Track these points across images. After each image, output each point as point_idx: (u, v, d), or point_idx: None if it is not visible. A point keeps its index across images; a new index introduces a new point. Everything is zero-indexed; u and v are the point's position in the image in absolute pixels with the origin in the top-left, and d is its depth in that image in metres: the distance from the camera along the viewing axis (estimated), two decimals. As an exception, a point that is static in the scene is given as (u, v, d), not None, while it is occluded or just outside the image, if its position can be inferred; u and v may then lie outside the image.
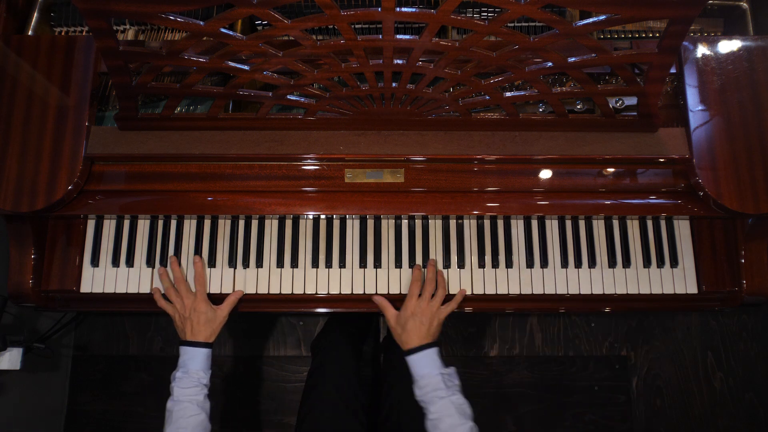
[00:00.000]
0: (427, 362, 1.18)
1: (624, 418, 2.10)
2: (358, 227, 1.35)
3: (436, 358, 1.19)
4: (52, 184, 1.19)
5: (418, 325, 1.21)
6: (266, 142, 1.23)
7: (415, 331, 1.21)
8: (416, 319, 1.22)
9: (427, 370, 1.17)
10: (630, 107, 1.29)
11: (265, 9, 0.97)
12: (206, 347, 1.23)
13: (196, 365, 1.20)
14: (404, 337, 1.22)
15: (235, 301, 1.30)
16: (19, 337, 1.56)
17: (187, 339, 1.23)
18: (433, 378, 1.16)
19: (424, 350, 1.19)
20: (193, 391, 1.18)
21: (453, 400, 1.13)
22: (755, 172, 1.19)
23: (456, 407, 1.12)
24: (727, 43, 1.24)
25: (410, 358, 1.20)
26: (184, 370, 1.20)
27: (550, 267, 1.33)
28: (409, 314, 1.23)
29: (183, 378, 1.19)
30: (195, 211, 1.29)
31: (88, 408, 2.09)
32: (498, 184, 1.26)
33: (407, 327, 1.22)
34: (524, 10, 0.96)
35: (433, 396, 1.14)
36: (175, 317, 1.27)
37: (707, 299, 1.34)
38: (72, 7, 1.35)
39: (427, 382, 1.16)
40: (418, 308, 1.23)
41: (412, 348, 1.20)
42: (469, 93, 1.17)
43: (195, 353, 1.21)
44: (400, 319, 1.24)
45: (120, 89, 1.15)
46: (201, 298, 1.27)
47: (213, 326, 1.25)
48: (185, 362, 1.21)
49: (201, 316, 1.24)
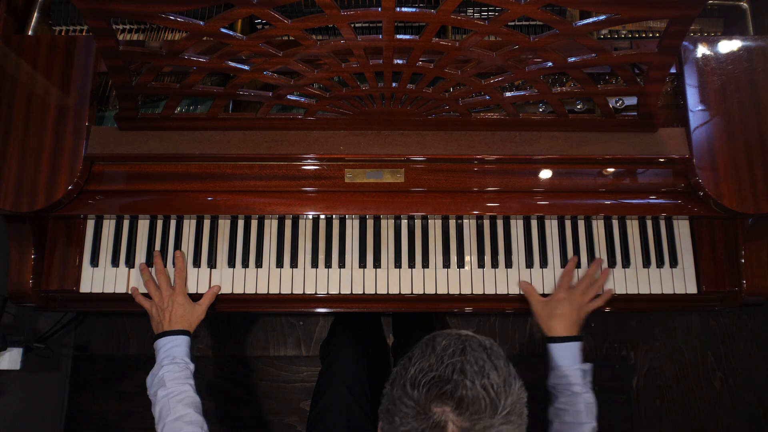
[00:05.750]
0: (570, 354, 1.19)
1: (624, 418, 2.09)
2: (358, 227, 1.35)
3: (579, 353, 1.20)
4: (52, 184, 1.19)
5: (568, 311, 1.22)
6: (266, 142, 1.23)
7: (565, 317, 1.22)
8: (566, 305, 1.23)
9: (568, 362, 1.18)
10: (630, 107, 1.29)
11: (265, 9, 0.97)
12: (186, 334, 1.20)
13: (180, 352, 1.17)
14: (552, 322, 1.23)
15: (213, 297, 1.28)
16: (19, 337, 1.56)
17: (164, 329, 1.20)
18: (573, 371, 1.17)
19: (571, 342, 1.20)
20: (185, 374, 1.14)
21: (585, 397, 1.15)
22: (755, 172, 1.19)
23: (585, 405, 1.14)
24: (727, 43, 1.24)
25: (554, 345, 1.21)
26: (170, 359, 1.15)
27: (550, 267, 1.33)
28: (561, 298, 1.24)
29: (171, 365, 1.14)
30: (195, 211, 1.29)
31: (88, 408, 2.09)
32: (498, 184, 1.26)
33: (557, 311, 1.23)
34: (524, 10, 0.96)
35: (567, 388, 1.16)
36: (152, 311, 1.24)
37: (707, 299, 1.34)
38: (72, 7, 1.35)
39: (566, 374, 1.17)
40: (572, 295, 1.25)
41: (559, 336, 1.21)
42: (469, 93, 1.17)
43: (178, 341, 1.18)
44: (549, 304, 1.25)
45: (120, 89, 1.15)
46: (180, 290, 1.25)
47: (190, 320, 1.23)
48: (169, 351, 1.16)
49: (179, 308, 1.22)
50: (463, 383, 0.76)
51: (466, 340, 0.83)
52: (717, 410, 2.11)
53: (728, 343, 2.15)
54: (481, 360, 0.79)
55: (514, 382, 0.80)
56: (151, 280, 1.28)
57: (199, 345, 2.11)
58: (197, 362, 2.15)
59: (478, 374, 0.77)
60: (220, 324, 2.12)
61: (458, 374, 0.77)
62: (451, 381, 0.76)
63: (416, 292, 1.32)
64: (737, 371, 2.13)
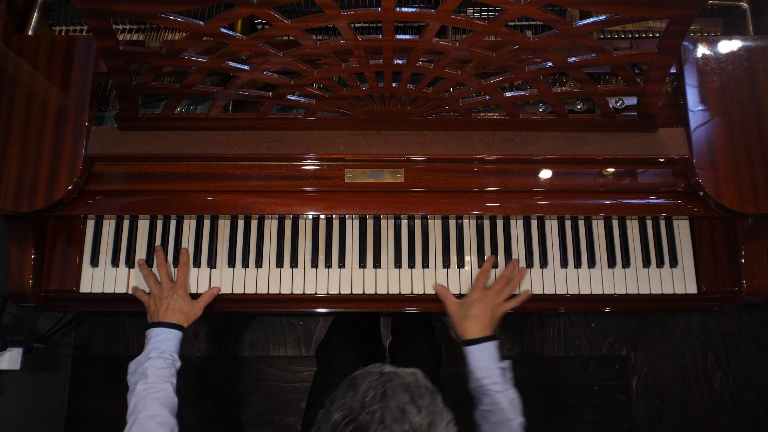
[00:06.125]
0: (487, 354, 1.19)
1: (624, 418, 2.10)
2: (358, 227, 1.35)
3: (495, 351, 1.20)
4: (52, 184, 1.19)
5: (482, 312, 1.22)
6: (266, 142, 1.23)
7: (478, 318, 1.21)
8: (480, 306, 1.22)
9: (486, 363, 1.18)
10: (630, 107, 1.29)
11: (265, 9, 0.97)
12: (179, 329, 1.19)
13: (170, 346, 1.16)
14: (465, 323, 1.22)
15: (212, 298, 1.28)
16: (19, 337, 1.56)
17: (159, 319, 1.19)
18: (492, 371, 1.16)
19: (486, 342, 1.19)
20: (169, 372, 1.13)
21: (508, 394, 1.14)
22: (755, 172, 1.19)
23: (509, 401, 1.13)
24: (727, 43, 1.24)
25: (470, 348, 1.20)
26: (157, 351, 1.14)
27: (550, 267, 1.33)
28: (474, 299, 1.23)
29: (158, 359, 1.12)
30: (195, 211, 1.29)
31: (88, 408, 2.09)
32: (498, 184, 1.26)
33: (470, 313, 1.22)
34: (524, 10, 0.96)
35: (488, 388, 1.15)
36: (150, 302, 1.23)
37: (707, 299, 1.34)
38: (72, 7, 1.35)
39: (486, 374, 1.16)
40: (485, 296, 1.24)
41: (474, 338, 1.20)
42: (469, 93, 1.17)
43: (170, 334, 1.17)
44: (463, 306, 1.24)
45: (120, 89, 1.15)
46: (181, 284, 1.25)
47: (187, 315, 1.22)
48: (159, 343, 1.15)
49: (178, 301, 1.21)
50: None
51: (388, 381, 0.83)
52: (717, 410, 2.11)
53: (728, 343, 2.15)
54: (402, 402, 0.79)
55: (440, 419, 0.81)
56: (151, 275, 1.28)
57: (199, 345, 2.11)
58: (197, 362, 2.16)
59: (399, 420, 0.78)
60: (220, 324, 2.12)
61: (377, 424, 0.77)
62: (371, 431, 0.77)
63: (416, 292, 1.32)
64: (737, 371, 2.13)
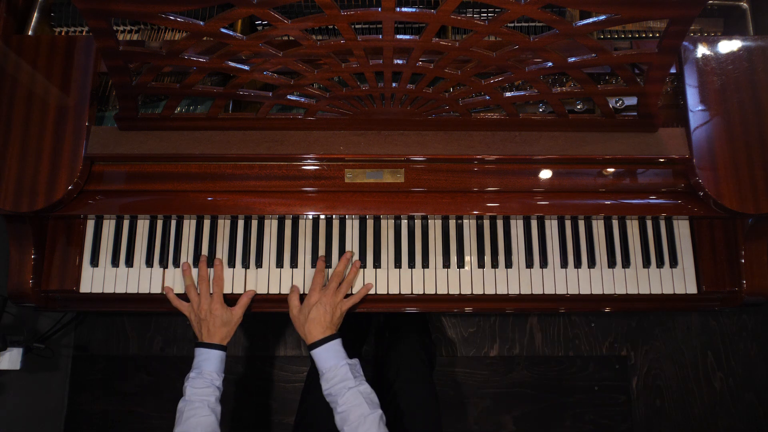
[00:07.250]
0: (333, 354, 1.19)
1: (624, 418, 2.10)
2: (358, 227, 1.35)
3: (341, 349, 1.20)
4: (52, 184, 1.19)
5: (321, 314, 1.22)
6: (266, 142, 1.23)
7: (318, 320, 1.22)
8: (319, 308, 1.23)
9: (334, 362, 1.18)
10: (630, 107, 1.29)
11: (265, 9, 0.97)
12: (220, 349, 1.24)
13: (210, 366, 1.21)
14: (308, 326, 1.22)
15: (248, 302, 1.30)
16: (19, 337, 1.56)
17: (203, 341, 1.24)
18: (340, 369, 1.16)
19: (329, 342, 1.20)
20: (206, 392, 1.18)
21: (361, 390, 1.14)
22: (755, 172, 1.19)
23: (365, 396, 1.13)
24: (727, 43, 1.24)
25: (315, 351, 1.20)
26: (198, 371, 1.20)
27: (550, 267, 1.33)
28: (313, 302, 1.24)
29: (196, 378, 1.19)
30: (195, 211, 1.29)
31: (88, 408, 2.09)
32: (498, 184, 1.26)
33: (310, 315, 1.22)
34: (524, 10, 0.96)
35: (341, 387, 1.15)
36: (191, 317, 1.28)
37: (707, 299, 1.34)
38: (72, 7, 1.35)
39: (335, 374, 1.16)
40: (323, 297, 1.24)
41: (317, 341, 1.20)
42: (469, 93, 1.17)
43: (209, 354, 1.22)
44: (304, 310, 1.25)
45: (120, 89, 1.15)
46: (217, 299, 1.27)
47: (229, 327, 1.26)
48: (199, 363, 1.22)
49: (217, 319, 1.25)
50: None
51: None
52: (717, 410, 2.11)
53: (728, 343, 2.15)
54: None
55: None
56: (192, 285, 1.29)
57: (199, 345, 2.11)
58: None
59: None
60: (220, 324, 2.12)
61: None
62: None
63: (416, 292, 1.32)
64: (737, 371, 2.13)
